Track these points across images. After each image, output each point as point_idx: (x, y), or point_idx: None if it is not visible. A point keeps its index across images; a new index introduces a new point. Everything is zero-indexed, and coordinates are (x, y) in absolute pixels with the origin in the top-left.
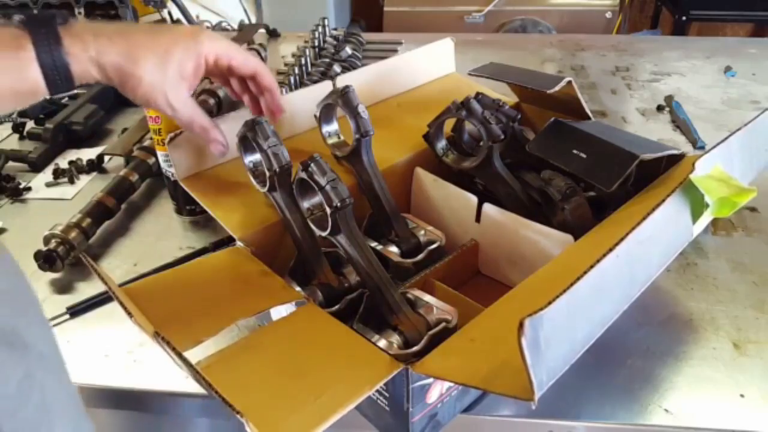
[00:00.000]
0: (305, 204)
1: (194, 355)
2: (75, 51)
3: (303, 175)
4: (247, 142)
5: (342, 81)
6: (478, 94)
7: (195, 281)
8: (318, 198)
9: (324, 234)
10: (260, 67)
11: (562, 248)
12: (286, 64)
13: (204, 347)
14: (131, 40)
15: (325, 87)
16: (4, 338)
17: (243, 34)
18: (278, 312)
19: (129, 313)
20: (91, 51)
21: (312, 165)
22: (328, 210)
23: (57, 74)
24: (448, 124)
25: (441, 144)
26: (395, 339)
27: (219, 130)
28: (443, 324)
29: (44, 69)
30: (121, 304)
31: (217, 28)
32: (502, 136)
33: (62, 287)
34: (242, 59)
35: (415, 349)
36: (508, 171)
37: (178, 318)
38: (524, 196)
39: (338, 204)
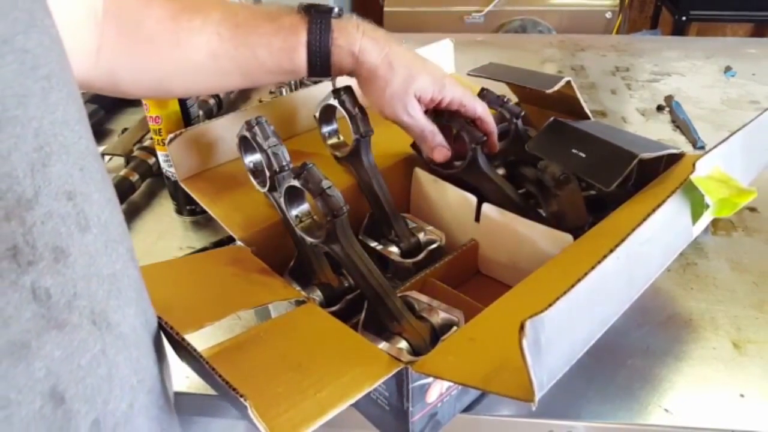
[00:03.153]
0: (293, 212)
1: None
2: (340, 43)
3: (295, 183)
4: (247, 142)
5: (342, 81)
6: (482, 89)
7: (195, 273)
8: (306, 206)
9: (317, 242)
10: (485, 113)
11: (561, 248)
12: None
13: (203, 341)
14: (393, 49)
15: (325, 87)
16: (92, 317)
17: None
18: (278, 309)
19: None
20: (354, 47)
21: (305, 173)
22: (326, 218)
23: (319, 60)
24: None
25: None
26: (404, 345)
27: (443, 137)
28: (454, 328)
29: (310, 55)
30: None
31: None
32: (484, 138)
33: None
34: (471, 106)
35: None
36: (495, 170)
37: (179, 305)
38: (514, 193)
39: (335, 213)
